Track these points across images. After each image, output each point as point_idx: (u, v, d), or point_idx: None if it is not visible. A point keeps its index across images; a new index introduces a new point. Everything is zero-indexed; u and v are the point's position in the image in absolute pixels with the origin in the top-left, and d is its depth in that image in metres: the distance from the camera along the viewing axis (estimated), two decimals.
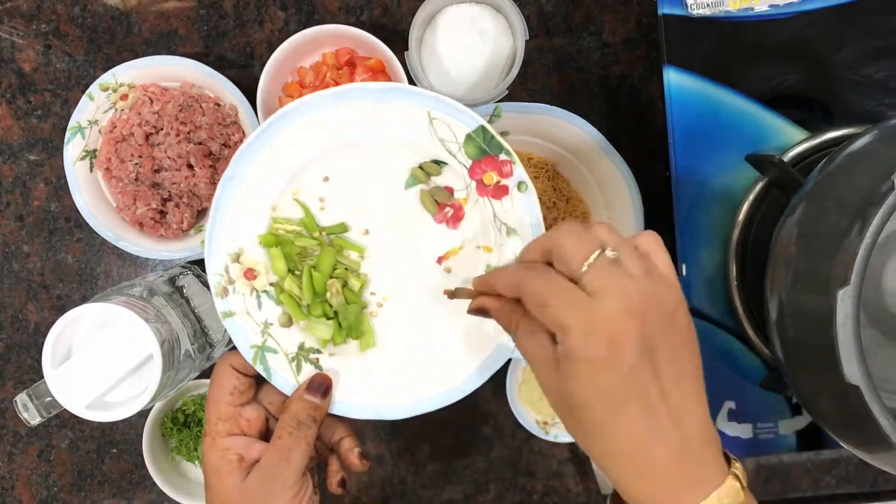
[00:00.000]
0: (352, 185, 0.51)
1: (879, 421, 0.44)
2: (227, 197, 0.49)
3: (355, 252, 0.51)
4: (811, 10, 0.66)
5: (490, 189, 0.49)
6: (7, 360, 0.73)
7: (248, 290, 0.51)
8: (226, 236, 0.50)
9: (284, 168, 0.49)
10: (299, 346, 0.51)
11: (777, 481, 0.75)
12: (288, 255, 0.50)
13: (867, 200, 0.44)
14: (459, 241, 0.51)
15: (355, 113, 0.48)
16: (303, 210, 0.51)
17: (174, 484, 0.70)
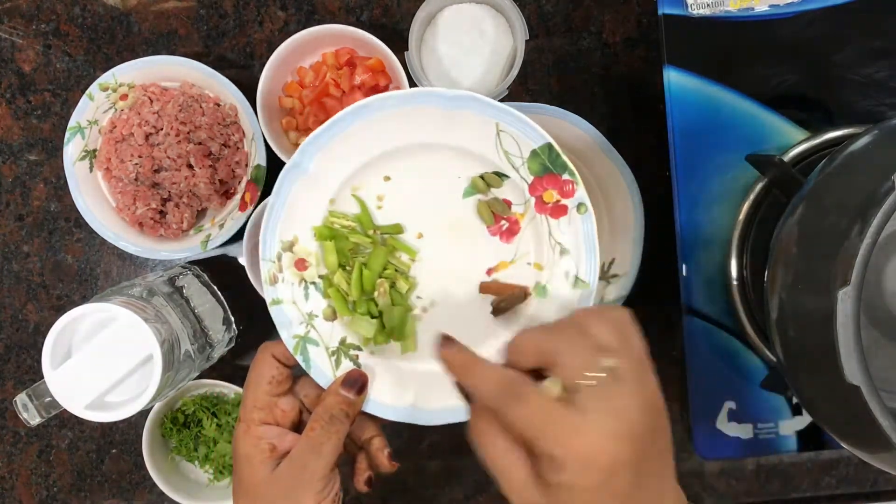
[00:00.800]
0: (411, 188, 0.50)
1: (879, 421, 0.44)
2: (288, 185, 0.49)
3: (407, 254, 0.51)
4: (811, 10, 0.66)
5: (549, 207, 0.49)
6: (7, 360, 0.73)
7: (298, 280, 0.50)
8: (282, 224, 0.49)
9: (347, 163, 0.49)
10: (340, 341, 0.51)
11: (777, 481, 0.75)
12: (340, 250, 0.50)
13: (867, 201, 0.44)
14: (511, 256, 0.51)
15: (424, 116, 0.48)
16: (360, 206, 0.50)
17: (174, 484, 0.70)
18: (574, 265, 0.49)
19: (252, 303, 0.73)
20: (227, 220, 0.68)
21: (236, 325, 0.72)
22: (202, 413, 0.70)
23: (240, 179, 0.70)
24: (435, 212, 0.51)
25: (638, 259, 0.66)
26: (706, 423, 0.68)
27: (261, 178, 0.68)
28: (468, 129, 0.48)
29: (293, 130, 0.69)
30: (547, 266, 0.50)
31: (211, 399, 0.71)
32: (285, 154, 0.66)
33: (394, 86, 0.69)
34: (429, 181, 0.50)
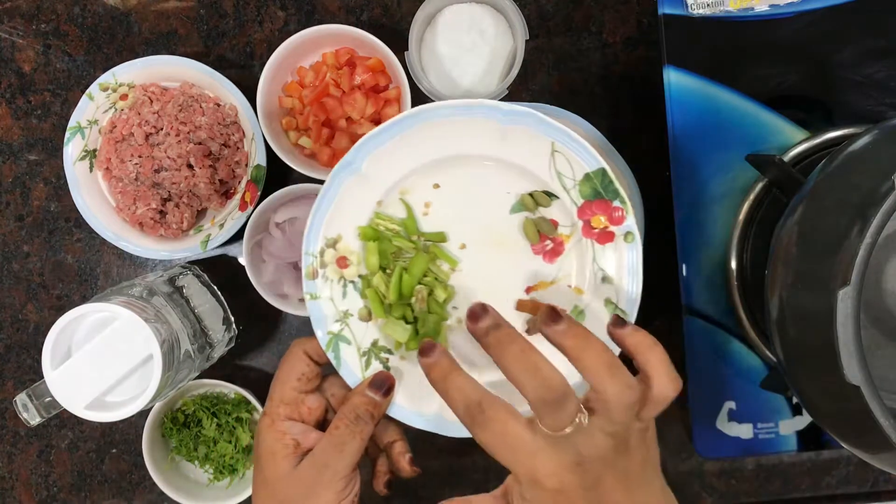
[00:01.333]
0: (459, 197, 0.50)
1: (879, 421, 0.44)
2: (339, 182, 0.49)
3: (448, 263, 0.51)
4: (811, 10, 0.66)
5: (596, 232, 0.49)
6: (7, 360, 0.73)
7: (337, 277, 0.50)
8: (328, 220, 0.50)
9: (399, 167, 0.49)
10: (373, 342, 0.51)
11: (777, 481, 0.75)
12: (383, 252, 0.50)
13: (867, 200, 0.44)
14: (552, 276, 0.51)
15: (479, 128, 0.47)
16: (407, 211, 0.50)
17: (174, 484, 0.70)
18: (615, 293, 0.49)
19: (252, 303, 0.73)
20: (227, 220, 0.68)
21: (236, 325, 0.72)
22: (202, 413, 0.70)
23: (240, 179, 0.70)
24: (480, 224, 0.50)
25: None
26: (706, 422, 0.68)
27: (261, 178, 0.68)
28: (522, 145, 0.48)
29: (293, 130, 0.69)
30: (587, 291, 0.50)
31: (211, 399, 0.71)
32: (285, 154, 0.66)
33: (394, 86, 0.69)
34: (477, 193, 0.50)
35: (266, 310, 0.73)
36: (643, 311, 0.73)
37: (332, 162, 0.68)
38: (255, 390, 0.73)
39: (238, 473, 0.71)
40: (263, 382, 0.74)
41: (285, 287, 0.68)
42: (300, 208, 0.68)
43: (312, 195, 0.68)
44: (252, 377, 0.74)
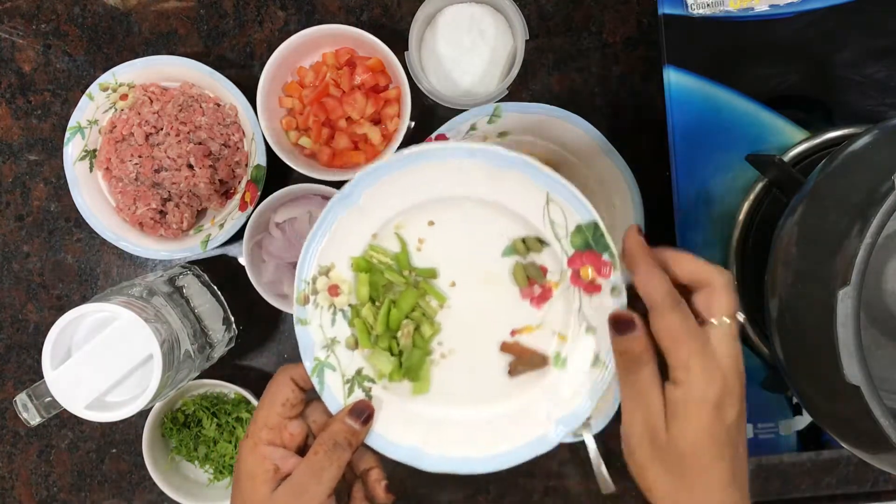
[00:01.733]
0: (453, 236, 0.51)
1: (879, 421, 0.44)
2: (336, 213, 0.49)
3: (437, 300, 0.51)
4: (811, 10, 0.66)
5: (584, 283, 0.49)
6: (7, 360, 0.73)
7: (328, 304, 0.51)
8: (323, 249, 0.50)
9: (397, 202, 0.50)
10: (357, 371, 0.52)
11: (777, 481, 0.75)
12: (374, 284, 0.51)
13: (867, 200, 0.44)
14: (538, 321, 0.51)
15: (478, 170, 0.48)
16: (401, 245, 0.51)
17: (174, 484, 0.70)
18: (597, 345, 0.49)
19: (252, 303, 0.73)
20: (227, 220, 0.68)
21: (236, 325, 0.72)
22: (202, 413, 0.70)
23: (240, 179, 0.70)
24: (471, 264, 0.51)
25: None
26: None
27: (261, 178, 0.68)
28: (519, 190, 0.48)
29: (293, 130, 0.69)
30: (571, 339, 0.50)
31: (211, 399, 0.71)
32: (285, 154, 0.66)
33: (394, 86, 0.69)
34: (471, 233, 0.51)
35: (266, 310, 0.73)
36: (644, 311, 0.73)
37: (332, 162, 0.68)
38: (255, 390, 0.73)
39: None
40: (263, 382, 0.73)
41: (285, 287, 0.68)
42: (300, 208, 0.68)
43: (312, 195, 0.68)
44: (252, 377, 0.74)
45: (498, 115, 0.65)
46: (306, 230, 0.67)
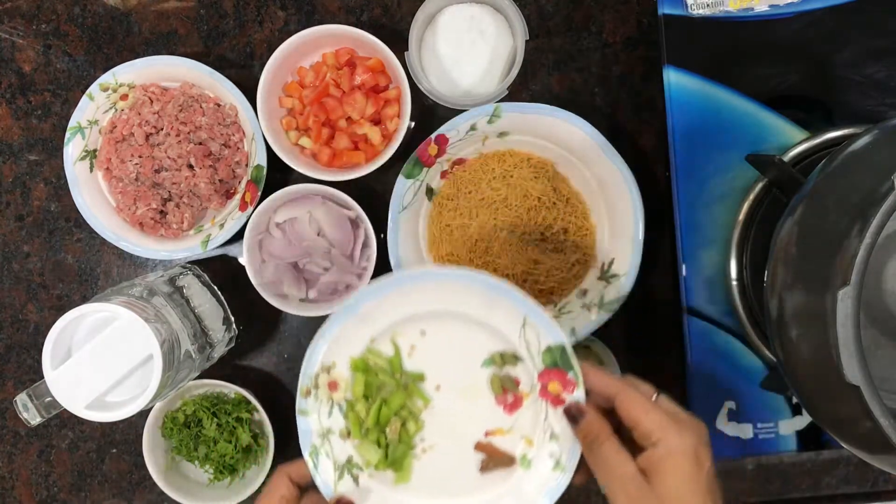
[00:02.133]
0: (441, 346, 0.58)
1: (879, 421, 0.44)
2: (340, 322, 0.56)
3: (422, 401, 0.58)
4: (811, 10, 0.66)
5: (551, 396, 0.56)
6: (7, 360, 0.73)
7: (327, 398, 0.58)
8: (327, 349, 0.57)
9: (394, 313, 0.57)
10: (347, 458, 0.58)
11: (777, 481, 0.75)
12: (368, 383, 0.57)
13: (867, 200, 0.44)
14: (509, 426, 0.58)
15: (468, 292, 0.56)
16: (395, 351, 0.58)
17: (174, 484, 0.70)
18: (559, 451, 0.56)
19: (252, 303, 0.73)
20: (228, 220, 0.68)
21: (236, 325, 0.72)
22: (202, 413, 0.70)
23: (240, 179, 0.70)
24: (455, 371, 0.58)
25: (638, 259, 0.66)
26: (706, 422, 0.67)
27: (261, 179, 0.68)
28: (501, 312, 0.56)
29: (293, 130, 0.69)
30: (536, 444, 0.57)
31: (211, 399, 0.71)
32: (286, 154, 0.67)
33: (394, 86, 0.69)
34: (457, 344, 0.58)
35: (266, 310, 0.73)
36: (643, 311, 0.74)
37: (332, 162, 0.68)
38: (254, 390, 0.73)
39: (238, 473, 0.71)
40: (263, 382, 0.74)
41: (285, 287, 0.68)
42: (300, 208, 0.68)
43: (313, 195, 0.68)
44: (252, 377, 0.74)
45: (498, 115, 0.65)
46: (306, 230, 0.68)
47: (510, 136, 0.68)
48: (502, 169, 0.69)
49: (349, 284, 0.69)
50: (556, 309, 0.69)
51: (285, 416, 0.73)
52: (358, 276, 0.69)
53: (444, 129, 0.65)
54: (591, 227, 0.69)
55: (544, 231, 0.69)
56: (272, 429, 0.70)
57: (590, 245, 0.69)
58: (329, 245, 0.68)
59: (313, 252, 0.68)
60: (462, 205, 0.69)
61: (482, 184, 0.69)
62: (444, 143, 0.66)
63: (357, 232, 0.69)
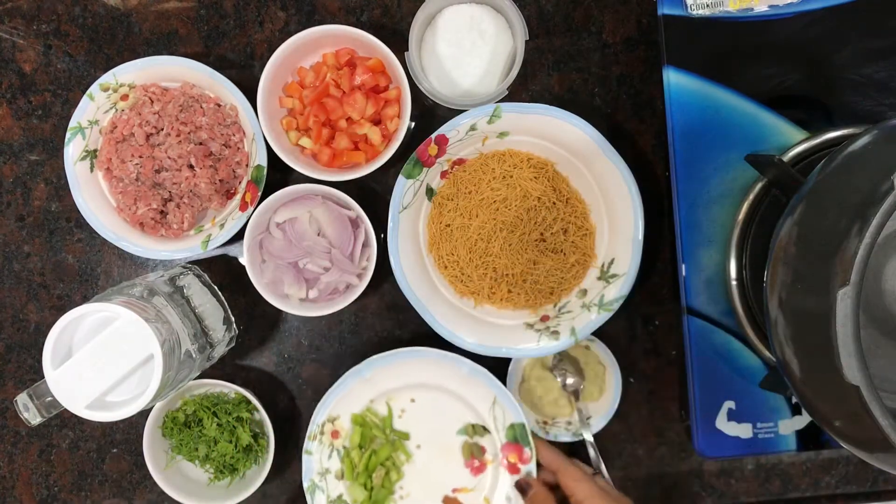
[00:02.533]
0: (425, 412, 0.71)
1: (879, 421, 0.45)
2: (350, 382, 0.70)
3: (405, 455, 0.71)
4: (811, 11, 0.66)
5: (509, 464, 0.70)
6: (7, 360, 0.73)
7: (328, 443, 0.71)
8: (335, 405, 0.70)
9: (392, 381, 0.71)
10: (338, 495, 0.71)
11: (777, 481, 0.75)
12: (364, 435, 0.71)
13: (867, 200, 0.44)
14: (473, 485, 0.71)
15: (452, 370, 0.70)
16: (388, 412, 0.71)
17: (174, 483, 0.70)
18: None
19: (252, 303, 0.73)
20: (228, 221, 0.68)
21: (236, 325, 0.72)
22: (203, 413, 0.70)
23: (240, 180, 0.70)
24: (434, 434, 0.72)
25: (638, 259, 0.66)
26: (706, 422, 0.68)
27: (261, 179, 0.68)
28: (477, 391, 0.70)
29: (294, 131, 0.70)
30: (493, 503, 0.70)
31: (212, 398, 0.71)
32: (286, 154, 0.67)
33: (394, 86, 0.69)
34: (438, 412, 0.71)
35: (266, 310, 0.73)
36: (644, 311, 0.74)
37: (332, 162, 0.69)
38: (255, 390, 0.73)
39: (238, 473, 0.71)
40: (263, 382, 0.74)
41: (285, 287, 0.68)
42: (301, 208, 0.68)
43: (313, 196, 0.68)
44: (252, 377, 0.74)
45: (498, 116, 0.65)
46: (306, 230, 0.68)
47: (510, 137, 0.68)
48: (502, 169, 0.69)
49: (349, 284, 0.69)
50: (556, 309, 0.70)
51: (285, 416, 0.73)
52: (358, 276, 0.69)
53: (444, 129, 0.66)
54: (590, 227, 0.70)
55: (544, 231, 0.69)
56: (272, 428, 0.70)
57: (589, 245, 0.69)
58: (329, 245, 0.68)
59: (313, 252, 0.68)
60: (462, 205, 0.69)
61: (482, 184, 0.69)
62: (444, 143, 0.66)
63: (357, 232, 0.69)
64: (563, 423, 0.73)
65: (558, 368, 0.72)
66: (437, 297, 0.69)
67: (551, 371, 0.73)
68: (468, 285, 0.70)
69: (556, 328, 0.68)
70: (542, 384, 0.72)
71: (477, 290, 0.70)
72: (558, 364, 0.72)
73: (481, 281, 0.69)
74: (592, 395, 0.73)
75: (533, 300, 0.69)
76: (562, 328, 0.68)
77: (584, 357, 0.73)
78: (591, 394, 0.73)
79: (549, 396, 0.72)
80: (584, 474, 0.65)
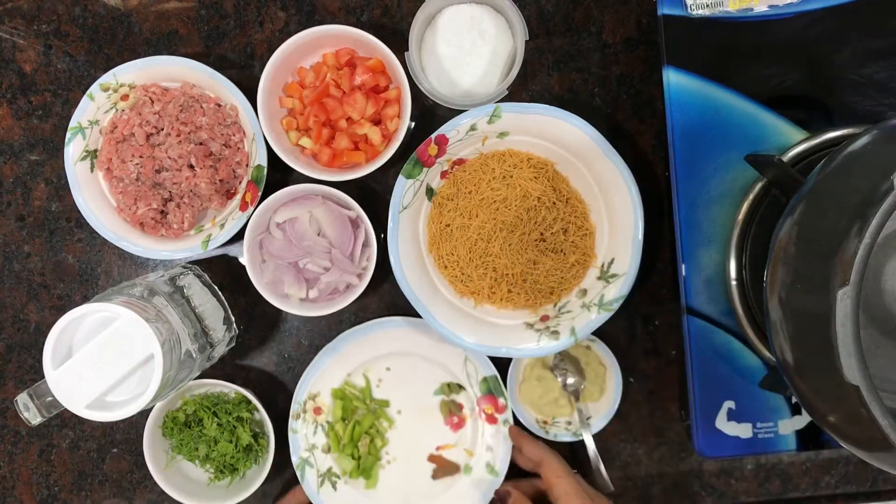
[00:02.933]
0: (402, 378, 0.74)
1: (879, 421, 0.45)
2: (326, 359, 0.72)
3: (387, 422, 0.74)
4: (811, 11, 0.66)
5: (486, 416, 0.73)
6: (8, 360, 0.73)
7: (312, 420, 0.73)
8: (314, 382, 0.72)
9: (366, 353, 0.73)
10: (328, 468, 0.73)
11: (777, 481, 0.75)
12: (345, 408, 0.73)
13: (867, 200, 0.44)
14: (455, 441, 0.74)
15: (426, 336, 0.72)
16: (366, 383, 0.74)
17: (175, 483, 0.70)
18: (493, 458, 0.73)
19: (252, 303, 0.73)
20: (228, 220, 0.68)
21: (236, 325, 0.72)
22: (203, 413, 0.70)
23: (241, 180, 0.70)
24: (413, 398, 0.74)
25: (638, 259, 0.66)
26: (706, 422, 0.68)
27: (261, 179, 0.68)
28: (450, 352, 0.73)
29: (294, 131, 0.70)
30: (475, 455, 0.74)
31: (212, 398, 0.71)
32: (286, 154, 0.67)
33: (394, 86, 0.69)
34: (414, 377, 0.74)
35: (266, 310, 0.73)
36: (644, 311, 0.74)
37: (332, 162, 0.69)
38: (254, 390, 0.73)
39: (238, 473, 0.71)
40: (263, 382, 0.74)
41: (286, 287, 0.68)
42: (301, 208, 0.68)
43: (313, 195, 0.68)
44: (252, 377, 0.74)
45: (498, 116, 0.65)
46: (307, 230, 0.68)
47: (510, 136, 0.68)
48: (502, 169, 0.69)
49: (349, 284, 0.69)
50: (556, 309, 0.70)
51: (285, 416, 0.73)
52: (358, 276, 0.69)
53: (444, 129, 0.66)
54: (590, 226, 0.70)
55: (544, 231, 0.69)
56: (272, 428, 0.70)
57: (589, 245, 0.69)
58: (329, 245, 0.68)
59: (313, 252, 0.68)
60: (462, 205, 0.69)
61: (482, 184, 0.69)
62: (445, 143, 0.66)
63: (357, 232, 0.69)
64: (563, 422, 0.73)
65: (559, 368, 0.72)
66: (437, 297, 0.69)
67: (552, 371, 0.73)
68: (468, 285, 0.70)
69: (556, 328, 0.68)
70: (542, 383, 0.73)
71: (477, 289, 0.70)
72: (559, 364, 0.72)
73: (481, 281, 0.69)
74: (593, 396, 0.73)
75: (533, 300, 0.69)
76: (562, 328, 0.68)
77: (585, 357, 0.73)
78: (591, 394, 0.73)
79: (550, 396, 0.72)
80: (567, 470, 0.66)
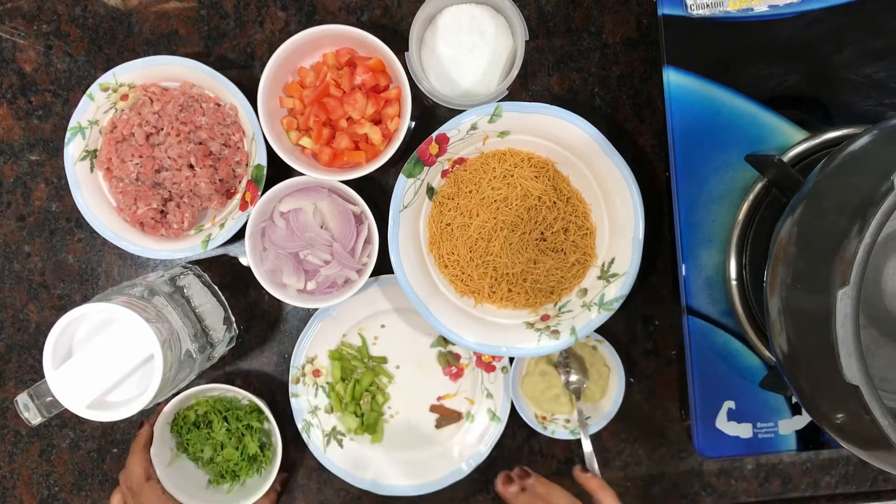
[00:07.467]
0: (398, 334, 0.75)
1: (879, 421, 0.45)
2: (318, 322, 0.72)
3: (386, 378, 0.75)
4: (811, 11, 0.66)
5: (484, 364, 0.74)
6: (8, 360, 0.73)
7: (312, 383, 0.74)
8: (310, 345, 0.73)
9: (360, 312, 0.74)
10: (332, 428, 0.74)
11: (777, 481, 0.75)
12: (344, 368, 0.74)
13: (867, 200, 0.44)
14: (455, 391, 0.75)
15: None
16: (362, 342, 0.75)
17: (176, 483, 0.70)
18: (494, 405, 0.74)
19: (252, 303, 0.73)
20: (228, 220, 0.68)
21: (236, 325, 0.72)
22: (214, 415, 0.70)
23: (240, 179, 0.70)
24: (410, 353, 0.75)
25: (638, 259, 0.67)
26: (706, 422, 0.68)
27: (261, 178, 0.68)
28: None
29: (294, 130, 0.70)
30: (476, 402, 0.75)
31: (224, 402, 0.71)
32: (286, 154, 0.67)
33: (394, 86, 0.69)
34: (410, 332, 0.75)
35: (266, 309, 0.73)
36: (644, 311, 0.74)
37: (333, 162, 0.69)
38: (255, 390, 0.73)
39: (239, 480, 0.71)
40: (264, 382, 0.74)
41: (284, 276, 0.68)
42: (306, 199, 0.68)
43: (319, 187, 0.69)
44: (252, 377, 0.74)
45: (498, 115, 0.65)
46: (310, 221, 0.68)
47: (511, 136, 0.68)
48: (503, 168, 0.69)
49: (348, 279, 0.69)
50: (557, 308, 0.70)
51: (285, 416, 0.73)
52: (358, 272, 0.69)
53: (445, 128, 0.66)
54: (591, 226, 0.70)
55: (544, 230, 0.69)
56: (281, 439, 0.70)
57: (590, 244, 0.69)
58: (331, 238, 0.68)
59: (315, 244, 0.68)
60: (462, 204, 0.69)
61: (483, 183, 0.69)
62: (445, 143, 0.66)
63: (360, 227, 0.69)
64: (562, 420, 0.73)
65: (563, 365, 0.72)
66: (438, 296, 0.69)
67: (556, 367, 0.73)
68: (468, 284, 0.70)
69: (556, 327, 0.68)
70: (545, 379, 0.73)
71: (477, 289, 0.70)
72: (564, 361, 0.72)
73: (482, 280, 0.69)
74: (594, 397, 0.73)
75: (533, 299, 0.69)
76: (562, 327, 0.68)
77: (590, 357, 0.73)
78: (593, 394, 0.73)
79: (551, 392, 0.72)
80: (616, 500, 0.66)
